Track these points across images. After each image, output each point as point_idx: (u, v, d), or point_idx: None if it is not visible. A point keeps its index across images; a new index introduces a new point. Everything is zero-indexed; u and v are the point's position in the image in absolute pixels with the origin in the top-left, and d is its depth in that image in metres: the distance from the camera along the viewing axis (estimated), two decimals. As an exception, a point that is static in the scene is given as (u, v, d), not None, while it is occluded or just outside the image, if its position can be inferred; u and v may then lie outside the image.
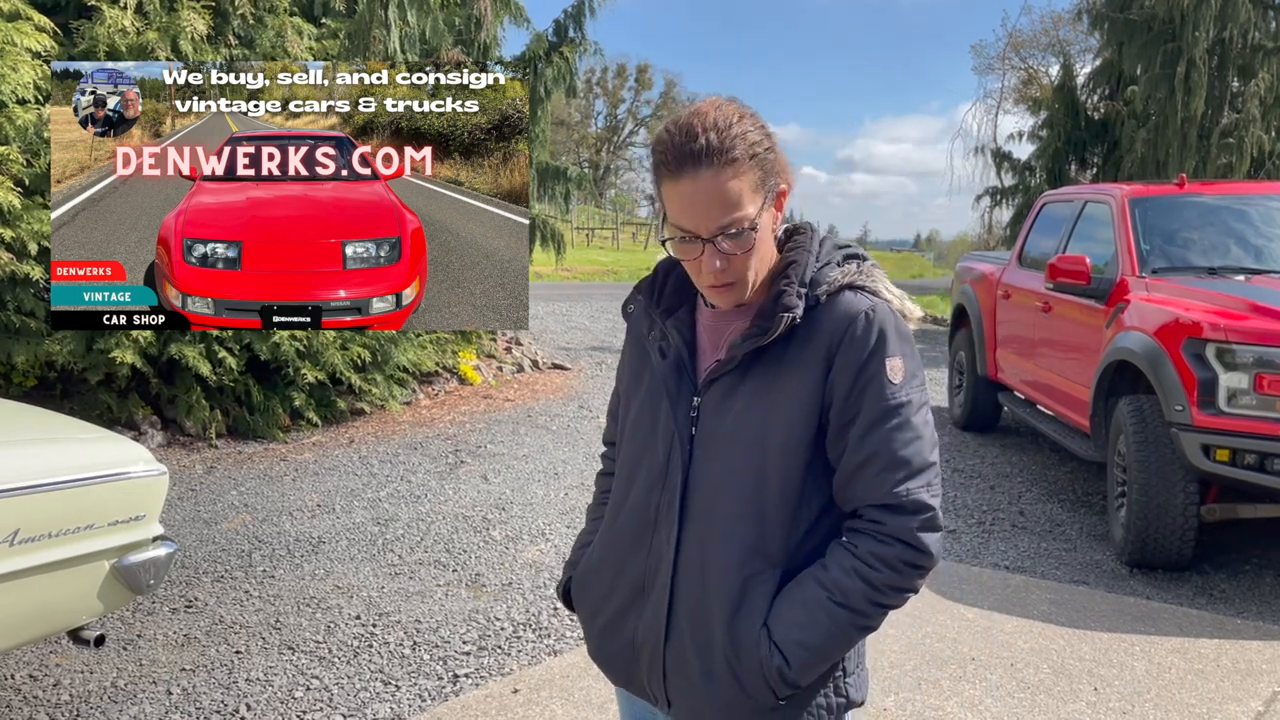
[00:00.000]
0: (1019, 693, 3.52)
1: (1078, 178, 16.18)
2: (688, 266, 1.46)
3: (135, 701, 3.41)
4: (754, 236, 1.40)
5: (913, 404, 1.41)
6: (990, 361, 7.43)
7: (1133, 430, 4.77)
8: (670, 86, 60.20)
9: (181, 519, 5.36)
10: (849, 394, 1.40)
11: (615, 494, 1.62)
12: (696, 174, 1.36)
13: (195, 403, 6.81)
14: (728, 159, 1.36)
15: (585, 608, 1.63)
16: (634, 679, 1.56)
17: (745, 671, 1.41)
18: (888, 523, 1.39)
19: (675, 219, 1.40)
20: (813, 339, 1.42)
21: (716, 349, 1.51)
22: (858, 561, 1.40)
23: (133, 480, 3.01)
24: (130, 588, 3.02)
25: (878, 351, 1.40)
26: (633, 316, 1.62)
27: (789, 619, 1.40)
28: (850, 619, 1.39)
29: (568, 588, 1.69)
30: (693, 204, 1.37)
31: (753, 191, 1.39)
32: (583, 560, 1.66)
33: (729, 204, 1.37)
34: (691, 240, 1.40)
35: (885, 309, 1.43)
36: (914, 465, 1.40)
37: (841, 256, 1.49)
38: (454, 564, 4.79)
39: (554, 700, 3.42)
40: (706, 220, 1.37)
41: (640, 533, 1.53)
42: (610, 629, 1.57)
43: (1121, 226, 5.79)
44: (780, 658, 1.39)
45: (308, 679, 3.60)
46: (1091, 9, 15.49)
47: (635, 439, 1.57)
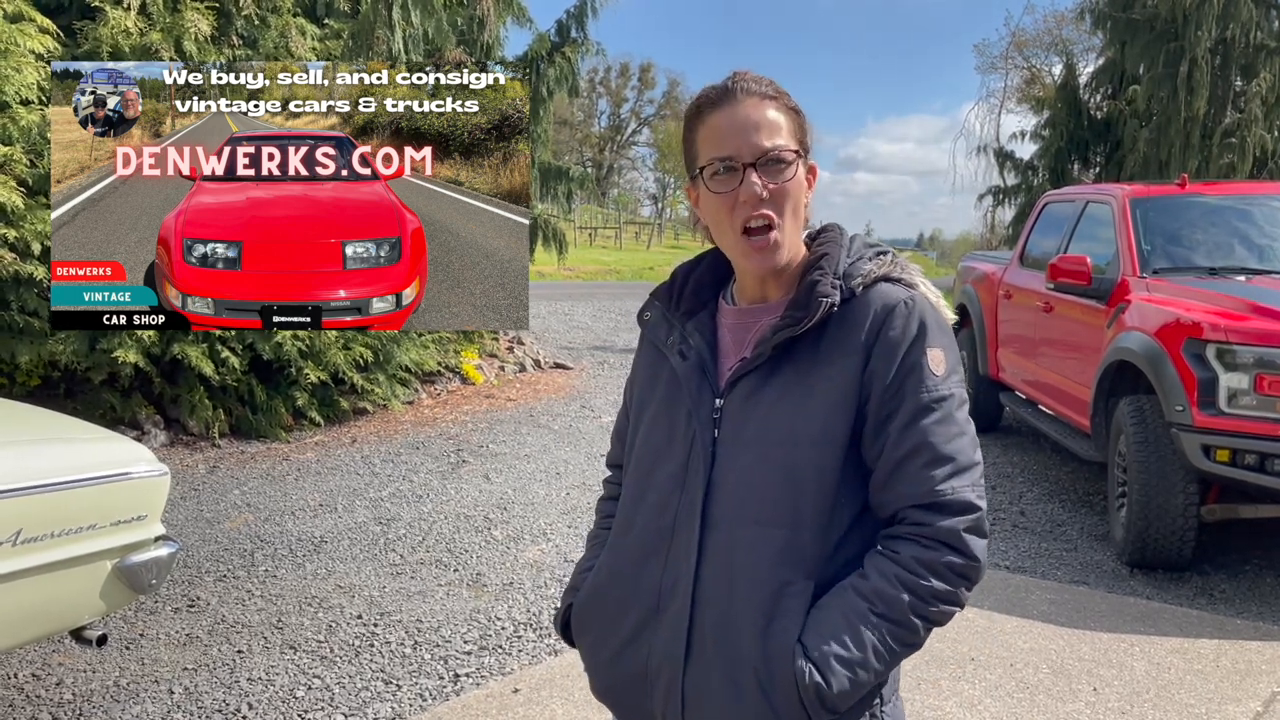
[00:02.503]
0: (1018, 692, 3.52)
1: (1080, 177, 16.15)
2: (721, 206, 1.37)
3: (138, 700, 3.42)
4: (795, 172, 1.36)
5: (955, 398, 1.33)
6: (992, 361, 7.43)
7: (1133, 430, 4.77)
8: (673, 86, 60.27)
9: (184, 518, 5.38)
10: (888, 386, 1.31)
11: (622, 514, 1.49)
12: (741, 101, 1.36)
13: (198, 402, 6.83)
14: (771, 94, 1.38)
15: (589, 636, 1.49)
16: (644, 712, 1.41)
17: (778, 691, 1.28)
18: (931, 524, 1.29)
19: (715, 149, 1.36)
20: (848, 331, 1.34)
21: (740, 349, 1.42)
22: (900, 569, 1.28)
23: (135, 480, 3.03)
24: (132, 587, 3.04)
25: (919, 341, 1.32)
26: (649, 323, 1.53)
27: (826, 633, 1.28)
28: (894, 633, 1.28)
29: (567, 618, 1.54)
30: (735, 128, 1.35)
31: (791, 136, 1.37)
32: (585, 585, 1.52)
33: (773, 129, 1.35)
34: (730, 170, 1.35)
35: (924, 299, 1.37)
36: (959, 462, 1.31)
37: (874, 253, 1.43)
38: (455, 564, 4.81)
39: (554, 700, 3.43)
40: (750, 143, 1.34)
41: (655, 546, 1.40)
42: (619, 657, 1.43)
43: (1122, 226, 5.79)
44: (818, 675, 1.26)
45: (309, 678, 3.61)
46: (1094, 8, 15.47)
47: (648, 449, 1.47)
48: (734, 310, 1.47)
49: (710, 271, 1.52)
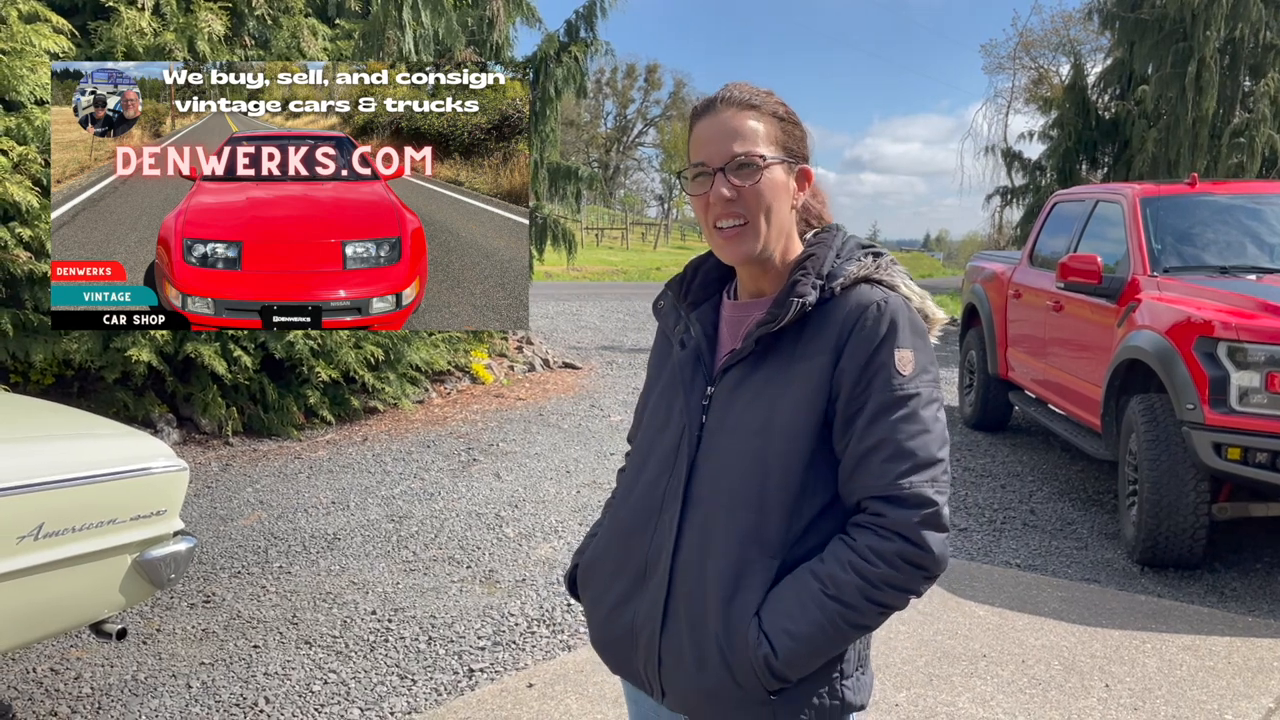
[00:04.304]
0: (1030, 689, 3.54)
1: (1088, 177, 16.13)
2: (697, 206, 1.49)
3: (155, 695, 3.45)
4: (763, 174, 1.45)
5: (921, 397, 1.40)
6: (1001, 360, 7.44)
7: (1144, 429, 4.78)
8: (679, 86, 60.33)
9: (198, 515, 5.41)
10: (856, 383, 1.39)
11: (624, 484, 1.64)
12: (720, 112, 1.47)
13: (211, 400, 6.87)
14: (750, 104, 1.47)
15: (590, 594, 1.63)
16: (631, 667, 1.55)
17: (736, 660, 1.40)
18: (888, 515, 1.37)
19: (695, 155, 1.48)
20: (825, 329, 1.43)
21: (734, 341, 1.53)
22: (854, 555, 1.38)
23: (154, 475, 3.05)
24: (151, 582, 3.06)
25: (887, 341, 1.39)
26: (662, 312, 1.65)
27: (780, 609, 1.39)
28: (842, 613, 1.37)
29: (574, 575, 1.70)
30: (710, 138, 1.46)
31: (769, 141, 1.47)
32: (590, 547, 1.68)
33: (743, 137, 1.45)
34: (704, 174, 1.46)
35: (899, 301, 1.44)
36: (919, 458, 1.38)
37: (863, 253, 1.50)
38: (468, 560, 4.83)
39: (569, 695, 3.45)
40: (720, 151, 1.45)
41: (646, 518, 1.53)
42: (612, 615, 1.56)
43: (1133, 226, 5.79)
44: (768, 646, 1.37)
45: (325, 673, 3.64)
46: (1102, 8, 15.43)
47: (650, 428, 1.60)
48: (733, 304, 1.57)
49: (717, 266, 1.63)
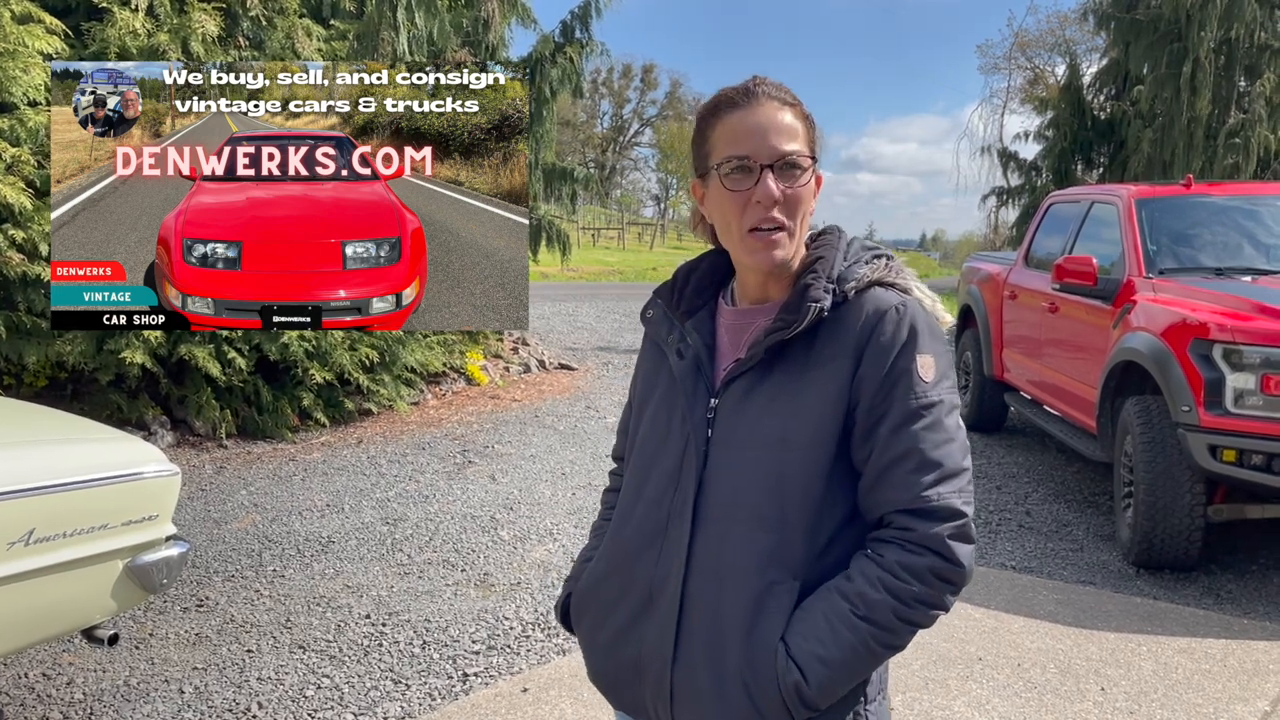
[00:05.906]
0: (1026, 692, 3.53)
1: (1084, 178, 16.14)
2: (733, 204, 1.37)
3: (148, 700, 3.44)
4: (809, 179, 1.37)
5: (945, 404, 1.34)
6: (996, 361, 7.44)
7: (1139, 431, 4.78)
8: (676, 86, 60.40)
9: (192, 518, 5.39)
10: (877, 391, 1.32)
11: (621, 505, 1.52)
12: (762, 104, 1.37)
13: (205, 403, 6.85)
14: (788, 101, 1.39)
15: (586, 623, 1.52)
16: (637, 701, 1.45)
17: (760, 689, 1.31)
18: (917, 529, 1.30)
19: (732, 148, 1.36)
20: (839, 335, 1.35)
21: (736, 350, 1.44)
22: (883, 572, 1.30)
23: (146, 480, 3.04)
24: (143, 587, 3.05)
25: (909, 347, 1.33)
26: (651, 321, 1.54)
27: (808, 632, 1.30)
28: (874, 634, 1.29)
29: (566, 605, 1.58)
30: (752, 130, 1.36)
31: (806, 143, 1.38)
32: (585, 574, 1.55)
33: (791, 133, 1.37)
34: (745, 169, 1.35)
35: (916, 305, 1.37)
36: (946, 468, 1.31)
37: (870, 256, 1.43)
38: (462, 563, 4.82)
39: (563, 699, 3.44)
40: (768, 147, 1.35)
41: (649, 541, 1.43)
42: (613, 645, 1.46)
43: (1128, 227, 5.79)
44: (798, 673, 1.29)
45: (318, 677, 3.62)
46: (1097, 9, 15.46)
47: (647, 445, 1.49)
48: (732, 311, 1.48)
49: (711, 272, 1.54)
